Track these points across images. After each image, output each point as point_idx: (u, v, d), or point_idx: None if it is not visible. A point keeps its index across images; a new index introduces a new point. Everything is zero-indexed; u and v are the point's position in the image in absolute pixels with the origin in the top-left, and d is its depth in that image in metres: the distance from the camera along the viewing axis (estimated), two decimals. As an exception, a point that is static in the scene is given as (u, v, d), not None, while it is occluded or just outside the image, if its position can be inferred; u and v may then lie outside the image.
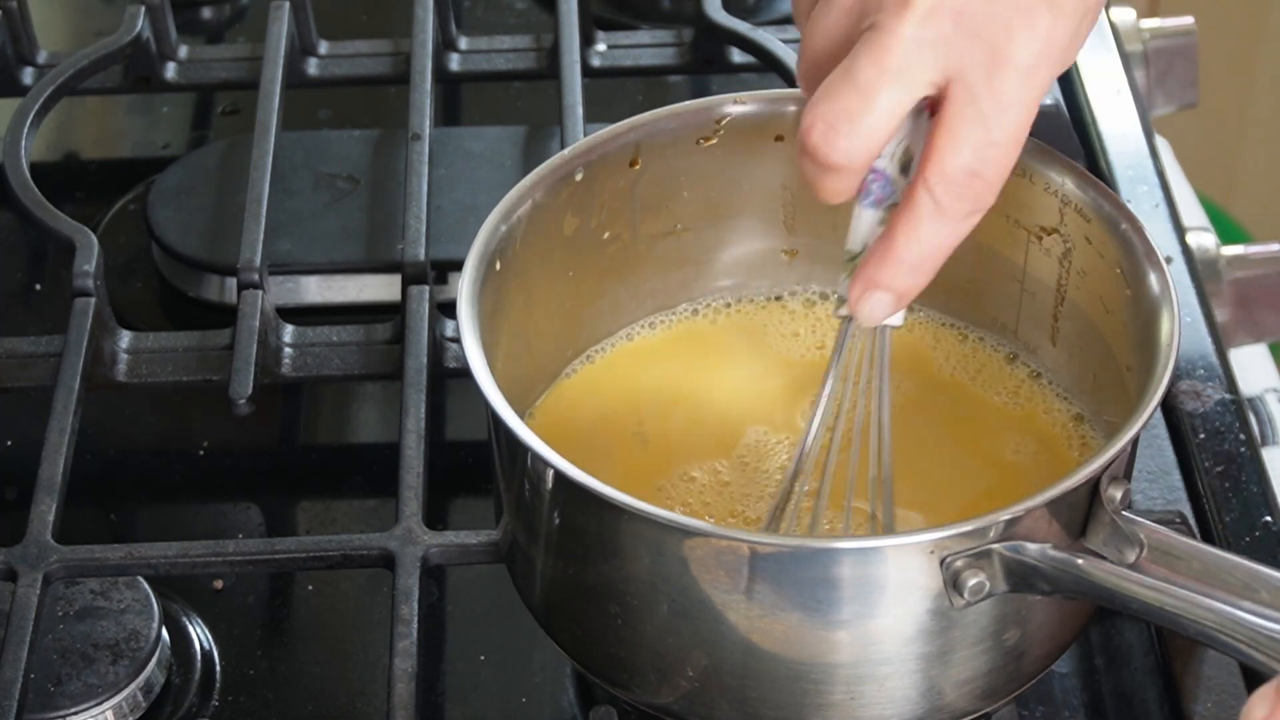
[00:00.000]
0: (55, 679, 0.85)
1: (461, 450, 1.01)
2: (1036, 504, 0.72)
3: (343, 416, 1.05)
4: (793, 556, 0.73)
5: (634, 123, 0.86)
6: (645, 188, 0.87)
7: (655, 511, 0.72)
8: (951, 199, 0.71)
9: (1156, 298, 0.79)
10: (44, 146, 1.18)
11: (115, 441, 1.02)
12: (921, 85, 0.71)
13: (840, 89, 0.71)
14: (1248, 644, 0.71)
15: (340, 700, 0.89)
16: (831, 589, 0.73)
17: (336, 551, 0.87)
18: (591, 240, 0.87)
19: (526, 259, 0.84)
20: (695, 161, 0.87)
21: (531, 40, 1.16)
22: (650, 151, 0.86)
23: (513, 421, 0.75)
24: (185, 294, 1.08)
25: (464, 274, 0.80)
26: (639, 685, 0.79)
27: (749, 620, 0.74)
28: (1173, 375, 0.77)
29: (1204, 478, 0.93)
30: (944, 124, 0.71)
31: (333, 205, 1.09)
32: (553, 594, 0.81)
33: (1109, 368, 0.83)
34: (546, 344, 0.88)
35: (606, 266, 0.88)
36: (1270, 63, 2.04)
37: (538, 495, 0.78)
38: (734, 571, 0.73)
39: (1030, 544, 0.73)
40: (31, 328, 1.03)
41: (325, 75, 1.16)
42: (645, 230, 0.89)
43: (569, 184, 0.85)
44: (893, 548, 0.73)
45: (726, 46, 1.14)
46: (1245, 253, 1.10)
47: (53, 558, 0.86)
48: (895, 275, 0.73)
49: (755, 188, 0.89)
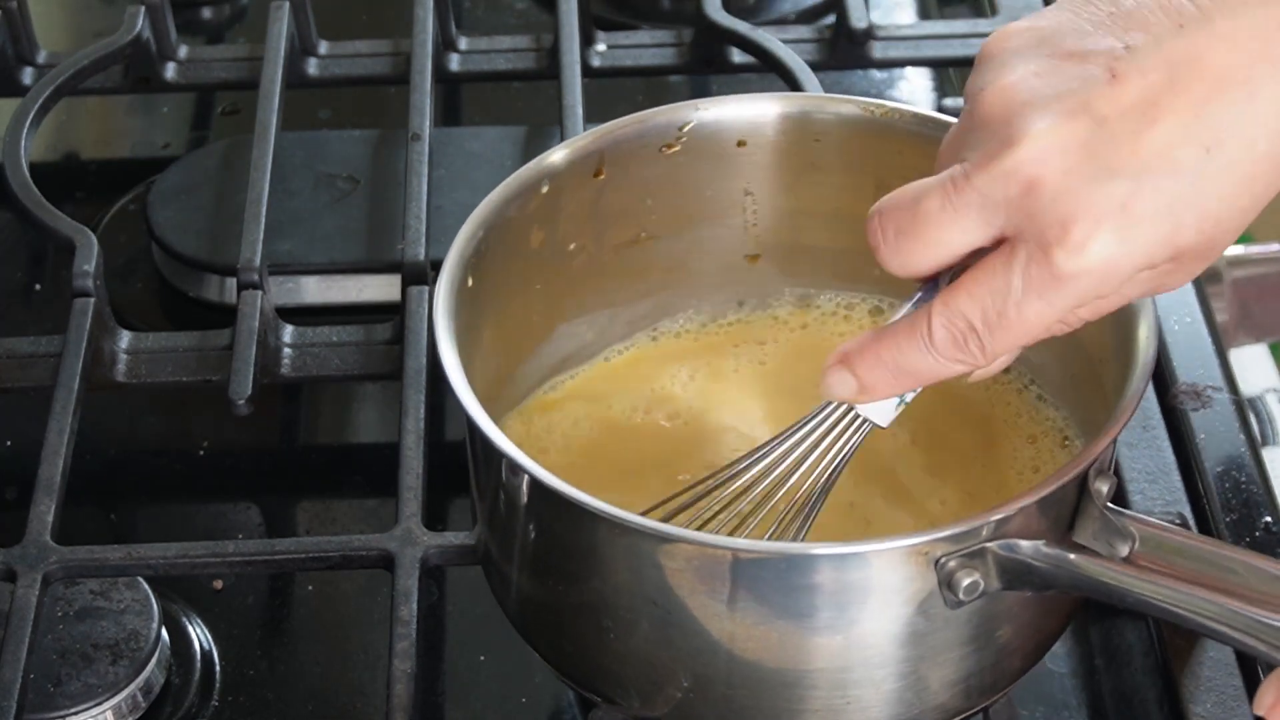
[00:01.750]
0: (55, 679, 0.85)
1: (461, 451, 1.01)
2: (1027, 502, 0.72)
3: (343, 416, 1.05)
4: (784, 563, 0.73)
5: (597, 132, 0.86)
6: (609, 197, 0.87)
7: (644, 522, 0.72)
8: (944, 337, 0.71)
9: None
10: (44, 146, 1.18)
11: (115, 441, 1.02)
12: (977, 236, 0.70)
13: (907, 203, 0.71)
14: (1248, 634, 0.71)
15: (340, 700, 0.89)
16: (824, 594, 0.73)
17: (336, 552, 0.87)
18: (558, 252, 0.87)
19: (495, 274, 0.84)
20: (659, 170, 0.87)
21: (531, 40, 1.16)
22: (614, 161, 0.86)
23: (489, 429, 0.75)
24: (185, 294, 1.08)
25: (439, 288, 0.80)
26: (621, 695, 0.79)
27: (737, 628, 0.74)
28: (1152, 371, 0.76)
29: (1204, 478, 0.92)
30: (978, 269, 0.70)
31: (333, 205, 1.09)
32: (528, 604, 0.81)
33: (1088, 371, 0.82)
34: (520, 358, 0.88)
35: (573, 277, 0.88)
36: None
37: (512, 504, 0.77)
38: (719, 580, 0.73)
39: (1023, 542, 0.73)
40: (31, 328, 1.03)
41: (325, 75, 1.16)
42: (610, 240, 0.89)
43: (535, 197, 0.85)
44: (886, 551, 0.73)
45: (726, 46, 1.14)
46: (1245, 253, 1.10)
47: (52, 558, 0.86)
48: (868, 368, 0.73)
49: (718, 194, 0.89)
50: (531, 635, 0.81)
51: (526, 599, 0.81)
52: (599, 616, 0.76)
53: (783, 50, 1.10)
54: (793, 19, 1.24)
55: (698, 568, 0.73)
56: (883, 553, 0.73)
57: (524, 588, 0.80)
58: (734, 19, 1.13)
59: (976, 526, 0.72)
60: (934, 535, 0.72)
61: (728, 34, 1.13)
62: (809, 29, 1.17)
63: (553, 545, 0.77)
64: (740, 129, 0.87)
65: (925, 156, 0.76)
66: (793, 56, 1.09)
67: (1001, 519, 0.72)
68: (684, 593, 0.73)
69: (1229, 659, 0.86)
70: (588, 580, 0.76)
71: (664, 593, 0.74)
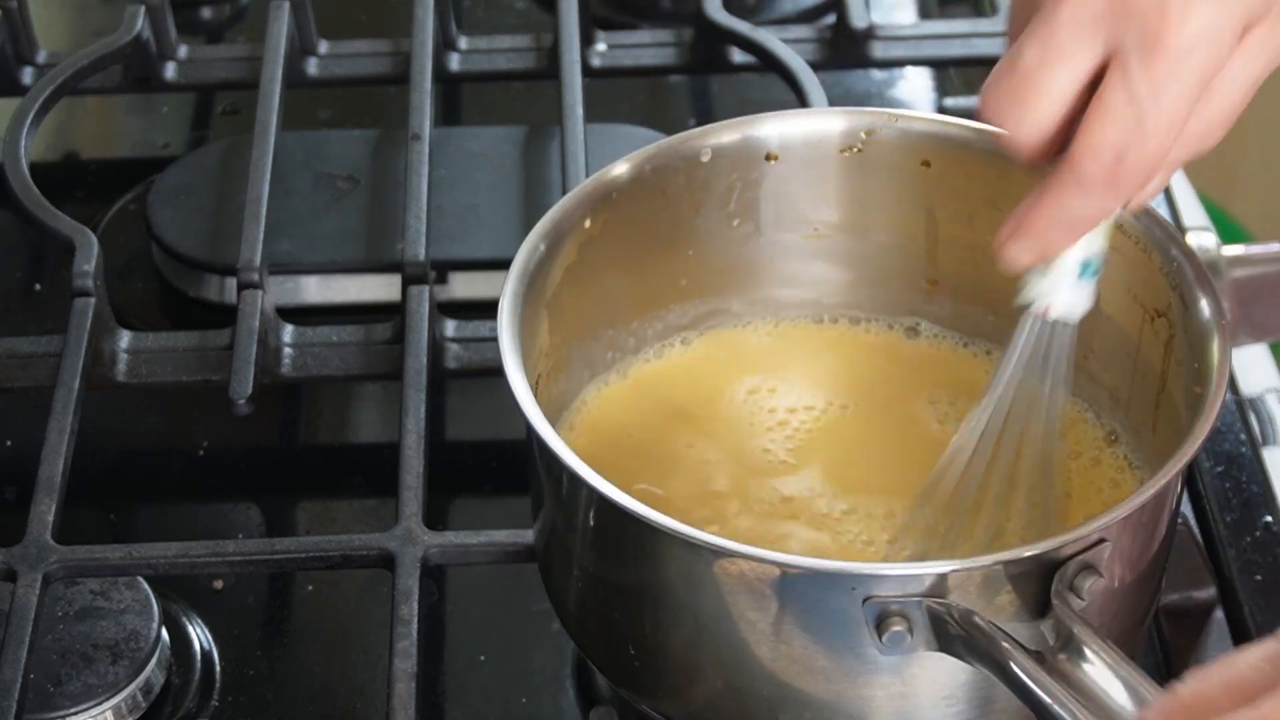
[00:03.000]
0: (55, 679, 0.85)
1: (461, 450, 1.01)
2: (972, 566, 0.70)
3: (343, 416, 1.05)
4: (820, 578, 0.72)
5: (768, 117, 0.87)
6: (776, 185, 0.87)
7: (690, 532, 0.72)
8: (1094, 175, 0.71)
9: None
10: (44, 146, 1.18)
11: (115, 441, 1.02)
12: (1082, 66, 0.71)
13: (1005, 71, 0.72)
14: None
15: (340, 700, 0.89)
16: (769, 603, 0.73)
17: (336, 551, 0.87)
18: (712, 220, 0.87)
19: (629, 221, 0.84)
20: (831, 170, 0.87)
21: (531, 40, 1.16)
22: (786, 151, 0.86)
23: (551, 438, 0.74)
24: (185, 294, 1.08)
25: (523, 248, 0.81)
26: (668, 699, 0.79)
27: (778, 644, 0.73)
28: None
29: (1204, 478, 0.93)
30: (1099, 99, 0.71)
31: (333, 205, 1.09)
32: (586, 607, 0.81)
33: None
34: (601, 340, 0.88)
35: (721, 255, 0.88)
36: (1270, 63, 2.04)
37: (573, 511, 0.77)
38: (762, 594, 0.72)
39: (956, 606, 0.70)
40: (31, 328, 1.03)
41: (325, 75, 1.16)
42: (771, 228, 0.89)
43: (693, 162, 0.85)
44: (813, 573, 0.72)
45: (726, 46, 1.14)
46: (1246, 252, 1.09)
47: (52, 558, 0.86)
48: (1041, 229, 0.74)
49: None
50: (584, 639, 0.82)
51: (584, 603, 0.81)
52: (652, 622, 0.76)
53: (783, 50, 1.10)
54: (793, 19, 1.24)
55: (747, 582, 0.72)
56: (812, 574, 0.72)
57: (582, 594, 0.80)
58: (734, 19, 1.13)
59: (910, 575, 0.70)
60: (860, 570, 0.72)
61: (728, 34, 1.13)
62: (809, 29, 1.17)
63: (608, 551, 0.77)
64: (923, 149, 0.87)
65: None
66: (793, 56, 1.09)
67: (941, 575, 0.70)
68: (733, 606, 0.73)
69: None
70: (643, 588, 0.76)
71: (714, 605, 0.74)
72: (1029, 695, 0.69)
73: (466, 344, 0.98)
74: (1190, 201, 1.25)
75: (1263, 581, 0.88)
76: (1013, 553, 0.71)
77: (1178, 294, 0.80)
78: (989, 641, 0.70)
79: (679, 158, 0.85)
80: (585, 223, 0.83)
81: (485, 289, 1.04)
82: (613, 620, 0.79)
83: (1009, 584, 0.71)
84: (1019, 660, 0.70)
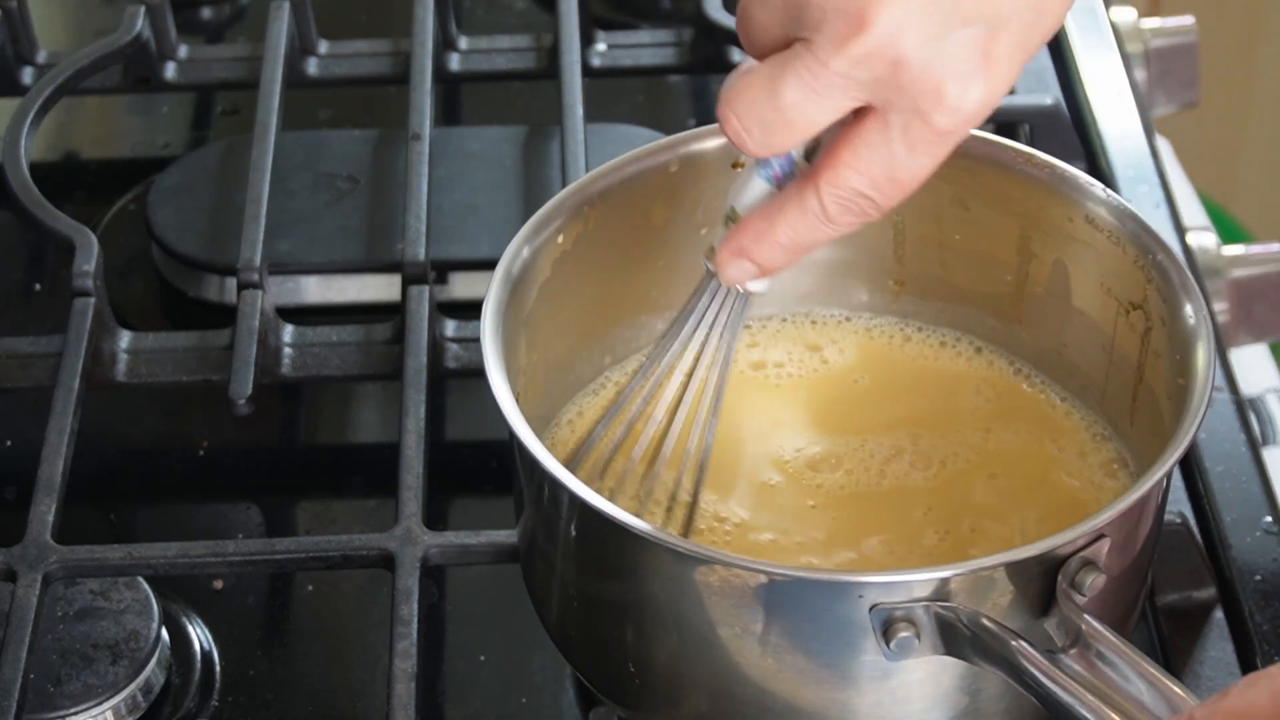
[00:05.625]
0: (55, 679, 0.85)
1: (461, 450, 1.01)
2: (977, 567, 0.70)
3: (343, 416, 1.05)
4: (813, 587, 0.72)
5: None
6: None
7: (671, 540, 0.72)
8: (839, 210, 0.73)
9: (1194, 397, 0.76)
10: (44, 146, 1.18)
11: (115, 441, 1.02)
12: (841, 109, 0.72)
13: (760, 98, 0.72)
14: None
15: (340, 700, 0.89)
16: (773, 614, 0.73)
17: (336, 552, 0.87)
18: (681, 230, 0.87)
19: (596, 245, 0.84)
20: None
21: (531, 40, 1.16)
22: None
23: (535, 447, 0.74)
24: (185, 294, 1.08)
25: (503, 260, 0.81)
26: (649, 707, 0.79)
27: (764, 652, 0.73)
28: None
29: (1204, 478, 0.92)
30: (853, 143, 0.72)
31: (333, 205, 1.09)
32: (569, 615, 0.81)
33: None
34: (584, 347, 0.88)
35: (692, 264, 0.87)
36: (1270, 63, 2.04)
37: (556, 519, 0.77)
38: (749, 602, 0.72)
39: (965, 609, 0.71)
40: (31, 328, 1.03)
41: (325, 75, 1.16)
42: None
43: (662, 174, 0.85)
44: (821, 583, 0.72)
45: (726, 46, 1.14)
46: (1245, 252, 1.10)
47: (52, 558, 0.86)
48: (766, 253, 0.76)
49: None
50: (568, 647, 0.82)
51: (567, 611, 0.81)
52: (634, 631, 0.76)
53: (783, 50, 1.10)
54: (793, 19, 1.24)
55: (730, 589, 0.72)
56: (818, 584, 0.72)
57: (564, 601, 0.80)
58: (734, 19, 1.13)
59: (916, 580, 0.70)
60: (865, 578, 0.72)
61: (728, 34, 1.13)
62: (809, 29, 1.17)
63: (589, 557, 0.77)
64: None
65: (1064, 209, 0.80)
66: (793, 56, 1.09)
67: (945, 579, 0.70)
68: (718, 613, 0.73)
69: (1229, 659, 0.86)
70: (626, 596, 0.76)
71: (697, 612, 0.74)
72: (1047, 695, 0.70)
73: (466, 344, 0.98)
74: (1190, 201, 1.25)
75: (1263, 581, 0.88)
76: (1016, 553, 0.71)
77: (1154, 286, 0.80)
78: (999, 643, 0.70)
79: (647, 169, 0.85)
80: (558, 238, 0.84)
81: (485, 289, 1.04)
82: (598, 631, 0.79)
83: (1011, 584, 0.71)
84: (1034, 660, 0.70)
